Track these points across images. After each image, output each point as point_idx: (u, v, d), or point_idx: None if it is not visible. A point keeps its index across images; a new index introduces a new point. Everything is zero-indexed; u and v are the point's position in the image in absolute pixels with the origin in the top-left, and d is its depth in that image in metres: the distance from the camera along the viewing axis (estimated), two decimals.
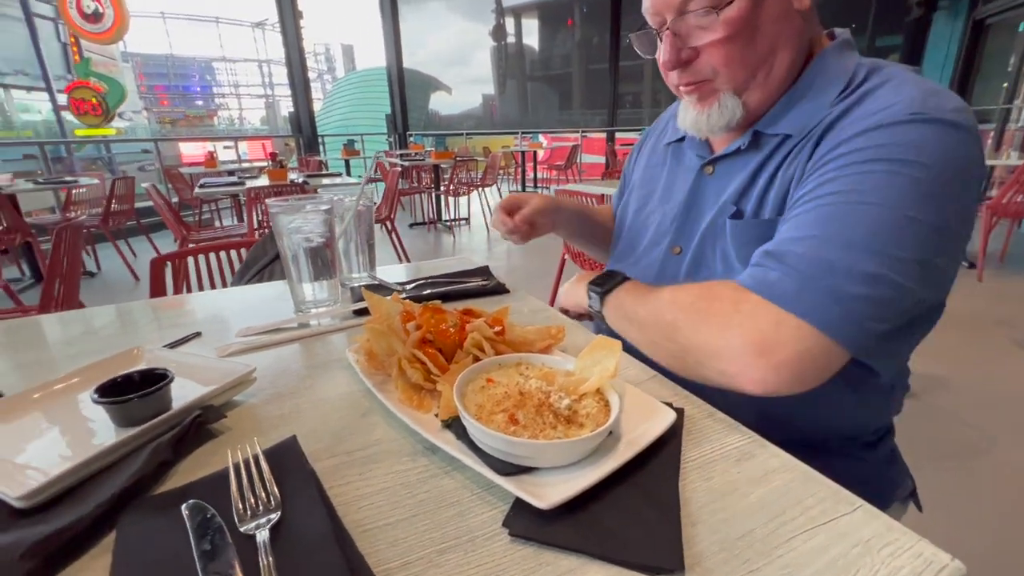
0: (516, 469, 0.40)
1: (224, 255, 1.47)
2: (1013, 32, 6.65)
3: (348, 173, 6.83)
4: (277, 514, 0.37)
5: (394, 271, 1.03)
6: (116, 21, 6.15)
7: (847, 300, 0.47)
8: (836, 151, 0.53)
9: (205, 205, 5.51)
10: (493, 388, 0.47)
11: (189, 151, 9.97)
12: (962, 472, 1.65)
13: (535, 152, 9.19)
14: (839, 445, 0.67)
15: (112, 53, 6.68)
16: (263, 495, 0.38)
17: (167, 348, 0.66)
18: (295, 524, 0.36)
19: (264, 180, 3.97)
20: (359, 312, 0.79)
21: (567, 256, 2.70)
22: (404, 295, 0.81)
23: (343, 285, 0.89)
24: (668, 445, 0.44)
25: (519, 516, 0.37)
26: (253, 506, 0.37)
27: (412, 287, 0.87)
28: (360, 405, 0.54)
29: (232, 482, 0.40)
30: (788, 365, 0.47)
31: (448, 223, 5.98)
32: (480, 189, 5.99)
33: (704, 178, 0.70)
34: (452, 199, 5.89)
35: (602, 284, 0.65)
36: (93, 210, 4.47)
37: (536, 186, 9.18)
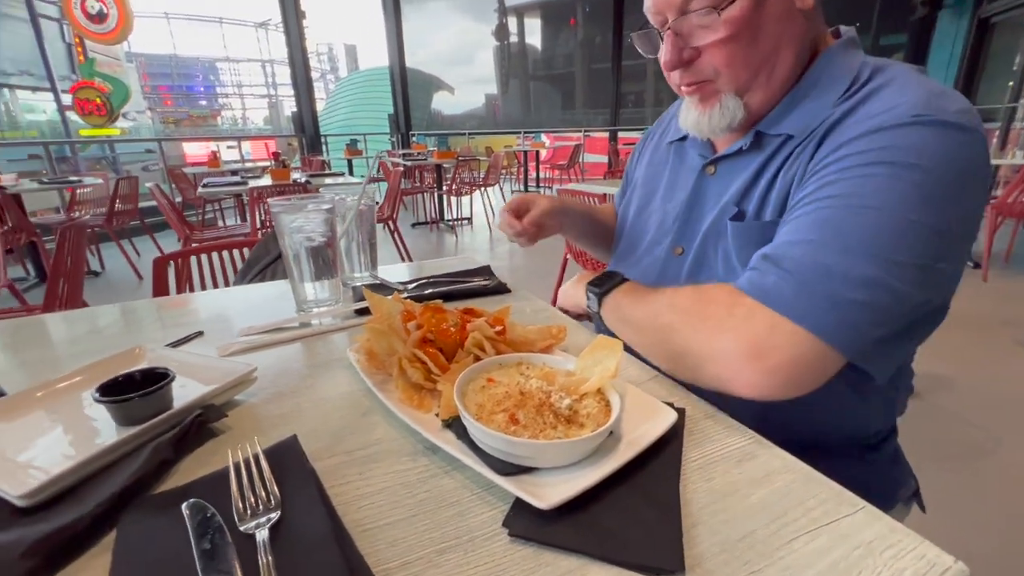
0: (516, 469, 0.40)
1: (227, 254, 1.48)
2: (1019, 31, 6.62)
3: (351, 173, 6.84)
4: (277, 513, 0.37)
5: (396, 270, 1.03)
6: (120, 21, 6.19)
7: (843, 305, 0.47)
8: (837, 153, 0.53)
9: (208, 205, 5.53)
10: (494, 388, 0.47)
11: (193, 151, 9.99)
12: (967, 473, 1.64)
13: (538, 152, 9.17)
14: (841, 446, 0.66)
15: (116, 53, 6.71)
16: (263, 494, 0.38)
17: (169, 347, 0.66)
18: (295, 523, 0.36)
19: (267, 180, 3.98)
20: (360, 312, 0.79)
21: (569, 255, 2.70)
22: (405, 294, 0.81)
23: (345, 284, 0.89)
24: (669, 445, 0.44)
25: (519, 516, 0.37)
26: (253, 505, 0.37)
27: (414, 286, 0.87)
28: (361, 405, 0.54)
29: (232, 481, 0.40)
30: (781, 370, 0.47)
31: (450, 223, 5.98)
32: (482, 189, 5.99)
33: (706, 178, 0.69)
34: (454, 199, 5.89)
35: (600, 285, 0.65)
36: (97, 210, 4.49)
37: (539, 186, 9.17)
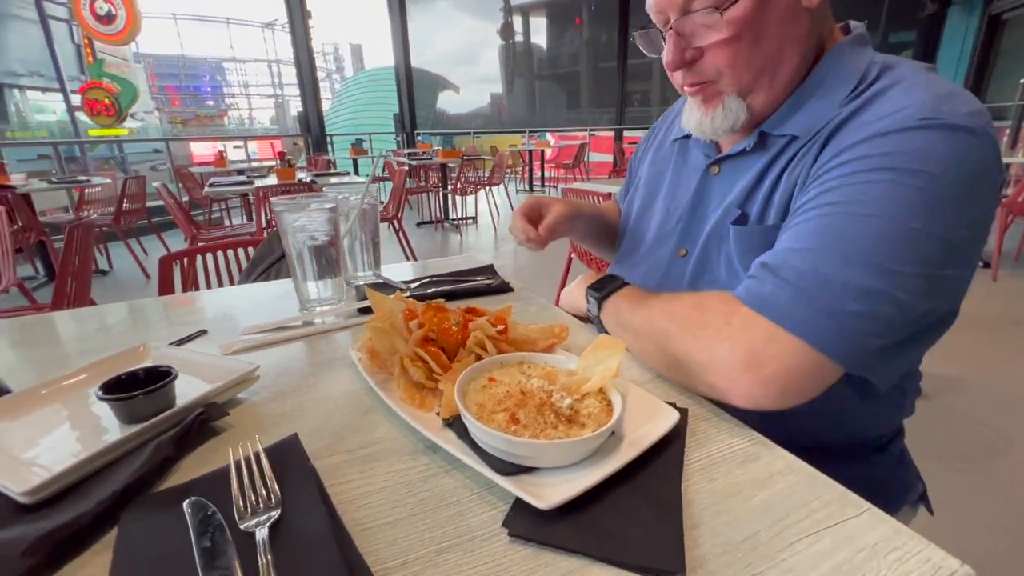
0: (516, 469, 0.40)
1: (232, 253, 1.48)
2: None
3: (356, 172, 6.86)
4: (277, 512, 0.37)
5: (400, 269, 1.03)
6: (128, 22, 6.24)
7: (842, 316, 0.46)
8: (840, 157, 0.51)
9: (215, 204, 5.56)
10: (495, 387, 0.47)
11: (200, 151, 10.06)
12: (976, 474, 1.62)
13: (543, 151, 9.18)
14: (846, 448, 0.66)
15: (125, 54, 6.75)
16: (263, 493, 0.38)
17: (173, 345, 0.66)
18: (295, 522, 0.36)
19: (273, 179, 3.99)
20: (363, 310, 0.79)
21: (574, 255, 2.69)
22: (408, 293, 0.81)
23: (348, 283, 0.90)
24: (671, 446, 0.44)
25: (519, 516, 0.37)
26: (253, 504, 0.37)
27: (416, 285, 0.87)
28: (362, 403, 0.54)
29: (233, 480, 0.40)
30: (776, 380, 0.46)
31: (455, 222, 5.98)
32: (487, 188, 5.98)
33: (710, 178, 0.69)
34: (459, 198, 5.90)
35: (600, 289, 0.65)
36: (105, 209, 4.53)
37: (544, 185, 9.17)
